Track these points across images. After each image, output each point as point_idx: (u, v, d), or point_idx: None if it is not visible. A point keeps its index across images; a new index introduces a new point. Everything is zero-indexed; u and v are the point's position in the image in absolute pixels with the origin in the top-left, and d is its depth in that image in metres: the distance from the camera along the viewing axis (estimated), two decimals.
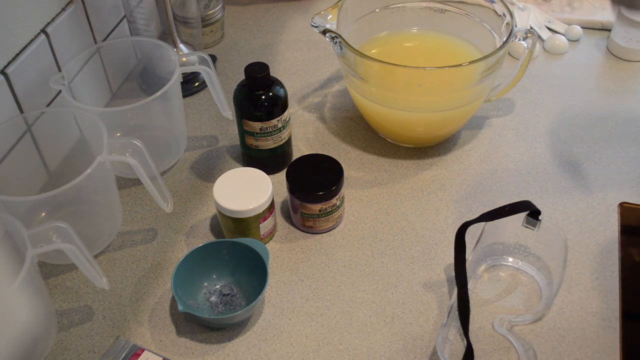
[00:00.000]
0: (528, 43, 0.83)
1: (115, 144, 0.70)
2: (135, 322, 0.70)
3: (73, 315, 0.71)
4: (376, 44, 0.93)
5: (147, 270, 0.75)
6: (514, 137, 0.90)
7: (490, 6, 0.87)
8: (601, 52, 1.04)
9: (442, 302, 0.71)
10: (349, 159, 0.88)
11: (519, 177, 0.84)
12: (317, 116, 0.95)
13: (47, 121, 0.79)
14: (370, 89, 0.83)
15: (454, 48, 0.92)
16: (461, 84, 0.81)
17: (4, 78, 0.74)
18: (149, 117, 0.87)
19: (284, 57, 1.06)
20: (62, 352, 0.67)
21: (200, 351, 0.67)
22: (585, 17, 1.09)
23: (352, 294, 0.72)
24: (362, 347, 0.67)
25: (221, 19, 1.08)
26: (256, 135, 0.81)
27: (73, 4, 0.86)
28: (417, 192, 0.83)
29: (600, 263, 0.74)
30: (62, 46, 0.84)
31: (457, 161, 0.87)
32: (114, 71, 0.95)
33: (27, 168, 0.79)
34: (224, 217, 0.74)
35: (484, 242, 0.72)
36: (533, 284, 0.72)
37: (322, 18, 0.83)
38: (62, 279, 0.74)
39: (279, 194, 0.83)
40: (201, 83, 1.00)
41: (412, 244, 0.77)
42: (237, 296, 0.71)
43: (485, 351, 0.66)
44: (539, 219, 0.69)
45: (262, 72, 0.77)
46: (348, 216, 0.80)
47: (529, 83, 0.99)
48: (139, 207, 0.82)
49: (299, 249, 0.77)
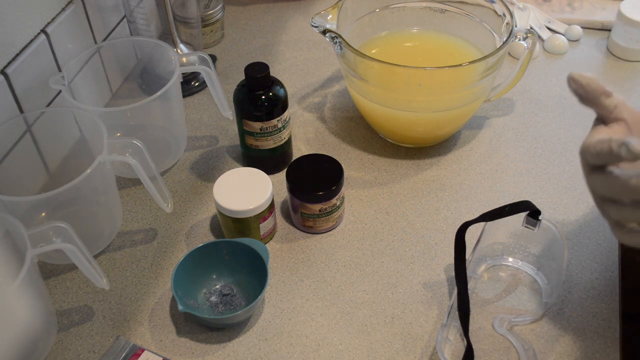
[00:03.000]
0: (528, 43, 0.83)
1: (115, 144, 0.70)
2: (135, 322, 0.70)
3: (73, 315, 0.71)
4: (376, 44, 0.93)
5: (147, 270, 0.75)
6: (514, 137, 0.90)
7: (490, 6, 0.87)
8: (601, 52, 1.04)
9: (442, 302, 0.71)
10: (349, 159, 0.88)
11: (519, 177, 0.84)
12: (317, 116, 0.95)
13: (47, 121, 0.79)
14: (370, 89, 0.83)
15: (454, 48, 0.92)
16: (461, 84, 0.81)
17: (4, 78, 0.74)
18: (149, 117, 0.87)
19: (284, 57, 1.06)
20: (62, 352, 0.67)
21: (200, 351, 0.67)
22: (585, 17, 1.09)
23: (352, 294, 0.72)
24: (362, 347, 0.67)
25: (221, 19, 1.08)
26: (256, 135, 0.81)
27: (73, 4, 0.86)
28: (417, 192, 0.83)
29: (600, 263, 0.74)
30: (62, 46, 0.84)
31: (457, 161, 0.87)
32: (114, 71, 0.95)
33: (27, 168, 0.79)
34: (224, 217, 0.74)
35: (484, 242, 0.72)
36: (533, 284, 0.72)
37: (322, 18, 0.83)
38: (62, 279, 0.74)
39: (279, 194, 0.83)
40: (201, 83, 1.00)
41: (412, 244, 0.77)
42: (237, 296, 0.71)
43: (485, 351, 0.66)
44: (539, 219, 0.69)
45: (262, 72, 0.77)
46: (348, 216, 0.80)
47: (529, 83, 0.99)
48: (139, 207, 0.82)
49: (299, 249, 0.77)
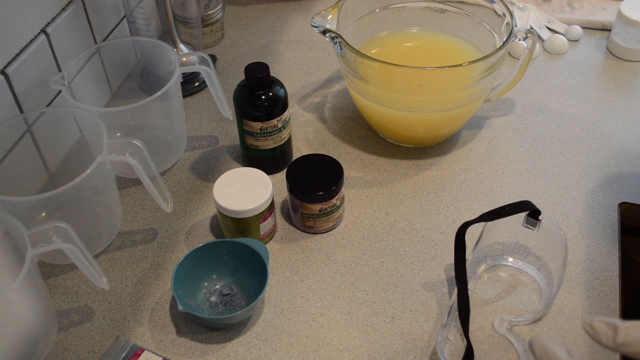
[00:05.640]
0: (528, 43, 0.83)
1: (115, 144, 0.70)
2: (135, 322, 0.70)
3: (73, 315, 0.71)
4: (376, 44, 0.93)
5: (147, 270, 0.75)
6: (514, 137, 0.90)
7: (490, 6, 0.87)
8: (601, 52, 1.04)
9: (442, 302, 0.71)
10: (349, 159, 0.88)
11: (519, 177, 0.84)
12: (317, 116, 0.95)
13: (47, 121, 0.79)
14: (370, 89, 0.83)
15: (454, 48, 0.92)
16: (461, 84, 0.81)
17: (4, 78, 0.74)
18: (149, 117, 0.87)
19: (284, 57, 1.06)
20: (62, 352, 0.67)
21: (200, 351, 0.67)
22: (585, 17, 1.09)
23: (352, 294, 0.72)
24: (362, 347, 0.67)
25: (221, 19, 1.08)
26: (256, 135, 0.81)
27: (73, 4, 0.86)
28: (417, 192, 0.83)
29: (600, 263, 0.74)
30: (62, 46, 0.84)
31: (457, 161, 0.87)
32: (114, 71, 0.95)
33: (27, 168, 0.79)
34: (224, 217, 0.74)
35: (484, 242, 0.72)
36: (533, 284, 0.72)
37: (322, 18, 0.83)
38: (62, 279, 0.74)
39: (279, 194, 0.83)
40: (201, 83, 1.00)
41: (412, 244, 0.77)
42: (237, 296, 0.71)
43: (485, 351, 0.66)
44: (539, 219, 0.69)
45: (262, 72, 0.77)
46: (348, 216, 0.80)
47: (529, 83, 0.99)
48: (139, 207, 0.82)
49: (299, 249, 0.77)
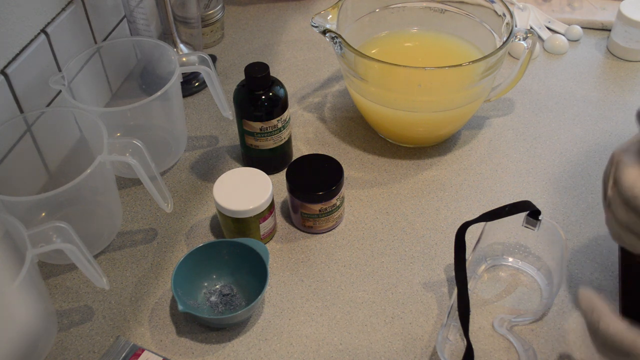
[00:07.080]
0: (528, 43, 0.83)
1: (115, 144, 0.70)
2: (135, 322, 0.70)
3: (73, 315, 0.71)
4: (376, 44, 0.93)
5: (147, 270, 0.75)
6: (514, 137, 0.90)
7: (490, 6, 0.87)
8: (601, 52, 1.04)
9: (442, 302, 0.71)
10: (349, 159, 0.88)
11: (519, 177, 0.84)
12: (317, 116, 0.95)
13: (47, 121, 0.79)
14: (370, 89, 0.83)
15: (454, 48, 0.92)
16: (461, 84, 0.81)
17: (4, 78, 0.74)
18: (149, 117, 0.87)
19: (284, 57, 1.06)
20: (62, 352, 0.67)
21: (200, 351, 0.67)
22: (585, 17, 1.09)
23: (352, 294, 0.72)
24: (362, 347, 0.67)
25: (221, 19, 1.08)
26: (256, 135, 0.81)
27: (73, 4, 0.86)
28: (417, 192, 0.83)
29: (600, 263, 0.74)
30: (62, 46, 0.84)
31: (457, 161, 0.87)
32: (114, 71, 0.95)
33: (27, 168, 0.79)
34: (224, 217, 0.74)
35: (484, 242, 0.72)
36: (533, 284, 0.72)
37: (322, 18, 0.83)
38: (62, 279, 0.74)
39: (279, 194, 0.83)
40: (201, 83, 1.00)
41: (412, 244, 0.77)
42: (237, 296, 0.71)
43: (485, 351, 0.66)
44: (539, 219, 0.69)
45: (262, 72, 0.77)
46: (348, 216, 0.80)
47: (529, 83, 0.99)
48: (139, 207, 0.82)
49: (299, 249, 0.77)
